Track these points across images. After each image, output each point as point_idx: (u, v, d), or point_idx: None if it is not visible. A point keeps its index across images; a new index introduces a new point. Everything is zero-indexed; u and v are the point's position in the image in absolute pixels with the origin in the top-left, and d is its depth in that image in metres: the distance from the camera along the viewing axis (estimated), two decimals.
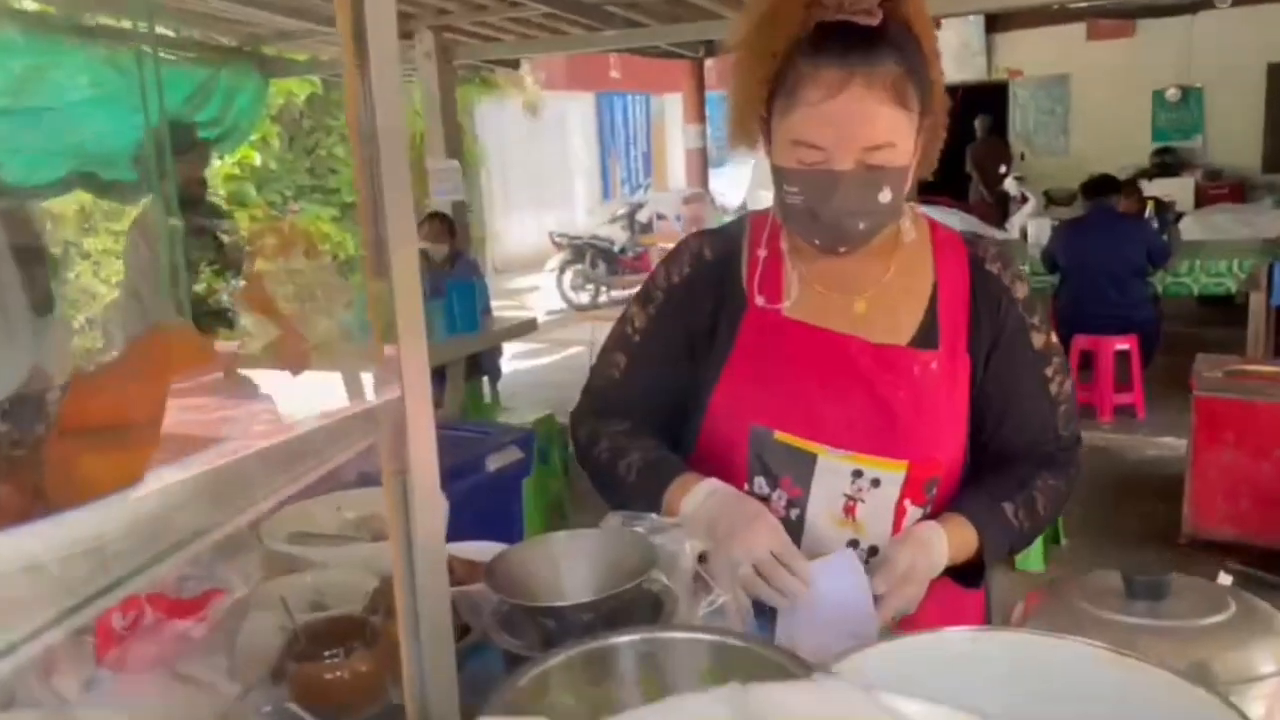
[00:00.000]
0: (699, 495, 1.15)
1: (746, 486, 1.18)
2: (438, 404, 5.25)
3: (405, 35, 5.89)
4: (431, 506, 0.80)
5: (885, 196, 1.11)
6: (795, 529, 1.17)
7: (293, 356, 0.82)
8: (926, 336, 1.20)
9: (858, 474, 1.17)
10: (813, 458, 1.17)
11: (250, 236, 4.83)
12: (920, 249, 1.25)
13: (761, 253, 1.23)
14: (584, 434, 1.29)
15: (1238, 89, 9.92)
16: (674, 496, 1.16)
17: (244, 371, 0.85)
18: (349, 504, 1.40)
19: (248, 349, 0.92)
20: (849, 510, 1.18)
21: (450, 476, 2.06)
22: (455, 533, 2.07)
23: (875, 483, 1.17)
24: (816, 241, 1.16)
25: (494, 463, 2.19)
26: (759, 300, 1.21)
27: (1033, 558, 3.69)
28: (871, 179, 1.09)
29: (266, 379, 0.86)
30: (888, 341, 1.19)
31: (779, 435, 1.17)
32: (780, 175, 1.14)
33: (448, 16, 5.58)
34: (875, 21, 1.05)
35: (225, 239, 4.26)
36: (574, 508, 4.66)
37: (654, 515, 1.13)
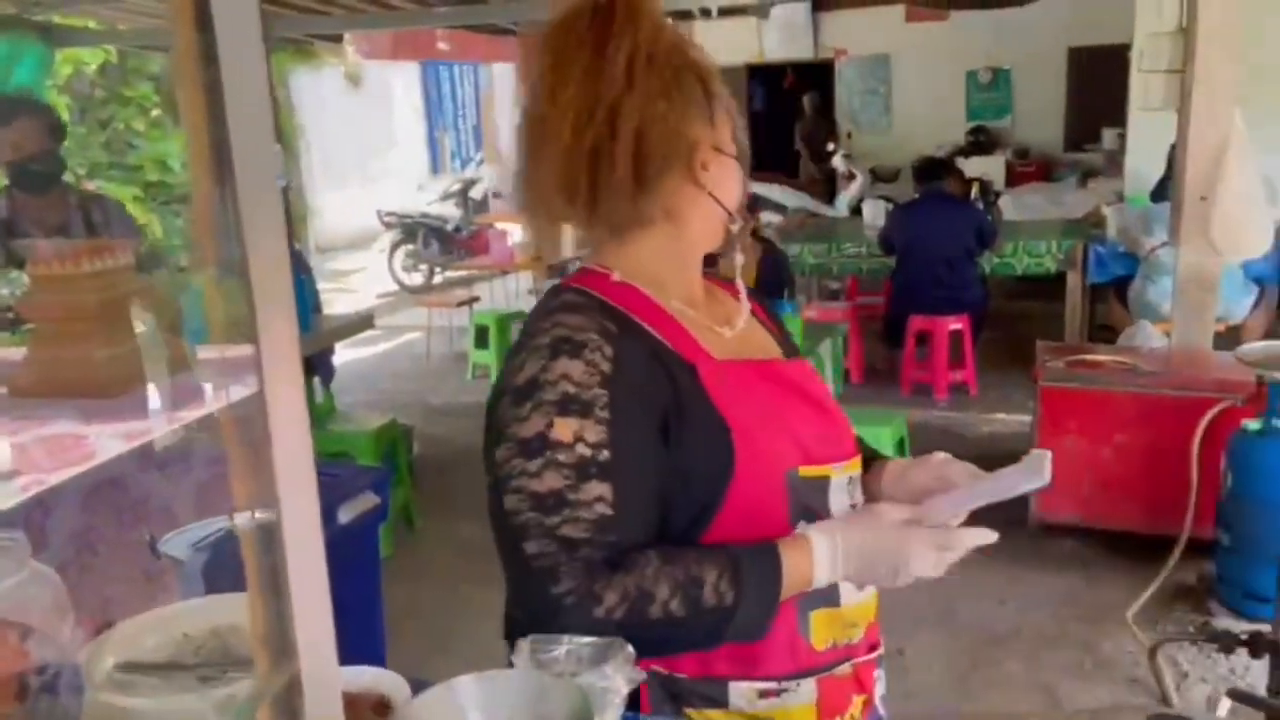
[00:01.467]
0: (824, 555, 1.05)
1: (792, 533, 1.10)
2: None
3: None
4: (316, 589, 0.62)
5: None
6: None
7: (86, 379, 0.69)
8: (786, 348, 1.26)
9: (851, 480, 1.19)
10: (826, 480, 1.14)
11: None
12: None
13: (667, 311, 1.13)
14: (612, 601, 1.00)
15: (1041, 71, 10.49)
16: (795, 578, 1.04)
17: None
18: (194, 617, 1.17)
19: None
20: None
21: None
22: None
23: (853, 482, 1.19)
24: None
25: (346, 513, 1.95)
26: (706, 356, 1.12)
27: None
28: None
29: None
30: (781, 357, 1.23)
31: (802, 471, 1.12)
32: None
33: None
34: None
35: None
36: (420, 512, 4.43)
37: (567, 640, 0.97)
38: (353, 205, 12.71)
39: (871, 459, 1.27)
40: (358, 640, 2.01)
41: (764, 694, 1.09)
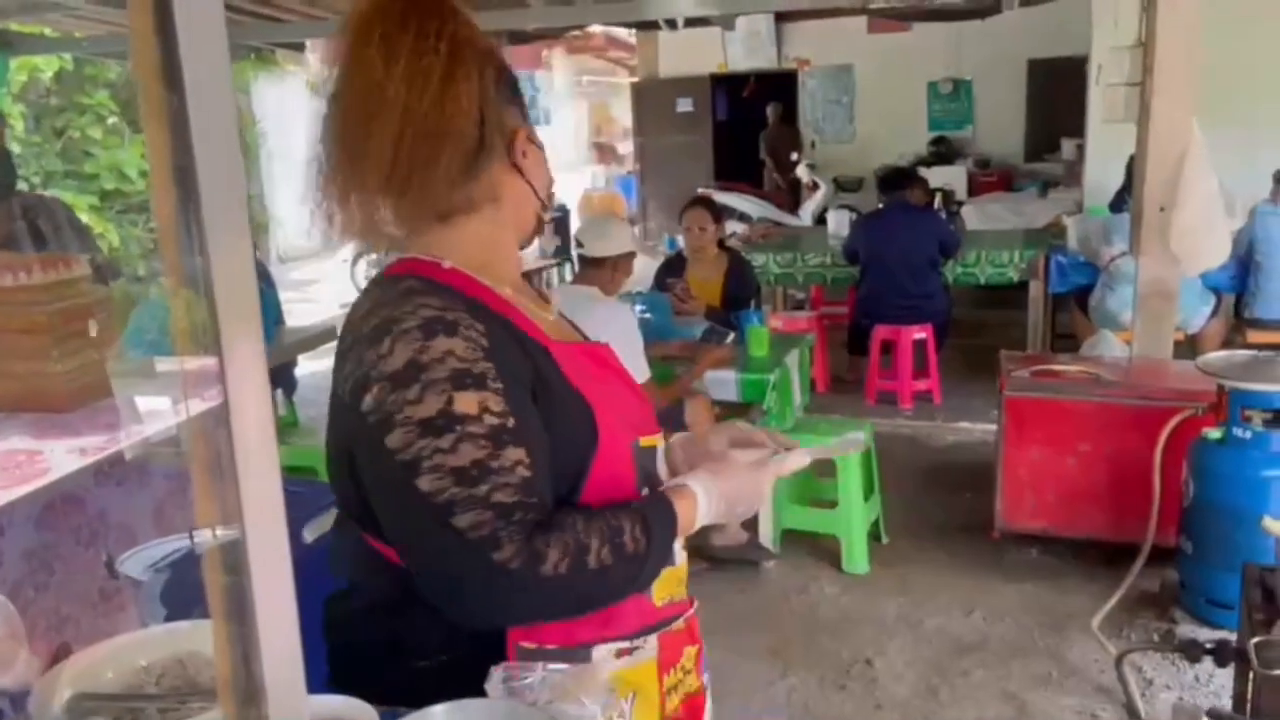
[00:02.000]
0: (703, 501, 1.16)
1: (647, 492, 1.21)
2: None
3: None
4: (283, 615, 0.59)
5: None
6: None
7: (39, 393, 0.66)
8: (583, 332, 1.34)
9: (667, 450, 1.30)
10: (655, 449, 1.25)
11: None
12: None
13: (501, 296, 1.16)
14: (555, 556, 1.02)
15: (1002, 82, 10.62)
16: (684, 523, 1.15)
17: None
18: (154, 646, 1.14)
19: None
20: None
21: None
22: None
23: (661, 454, 1.29)
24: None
25: (312, 532, 1.90)
26: (548, 339, 1.17)
27: (856, 558, 3.75)
28: None
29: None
30: (581, 341, 1.29)
31: (642, 442, 1.21)
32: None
33: None
34: None
35: None
36: None
37: (542, 667, 0.95)
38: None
39: None
40: (324, 666, 1.96)
41: (619, 653, 1.14)
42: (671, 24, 5.12)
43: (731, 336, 3.89)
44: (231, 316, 0.55)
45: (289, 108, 12.65)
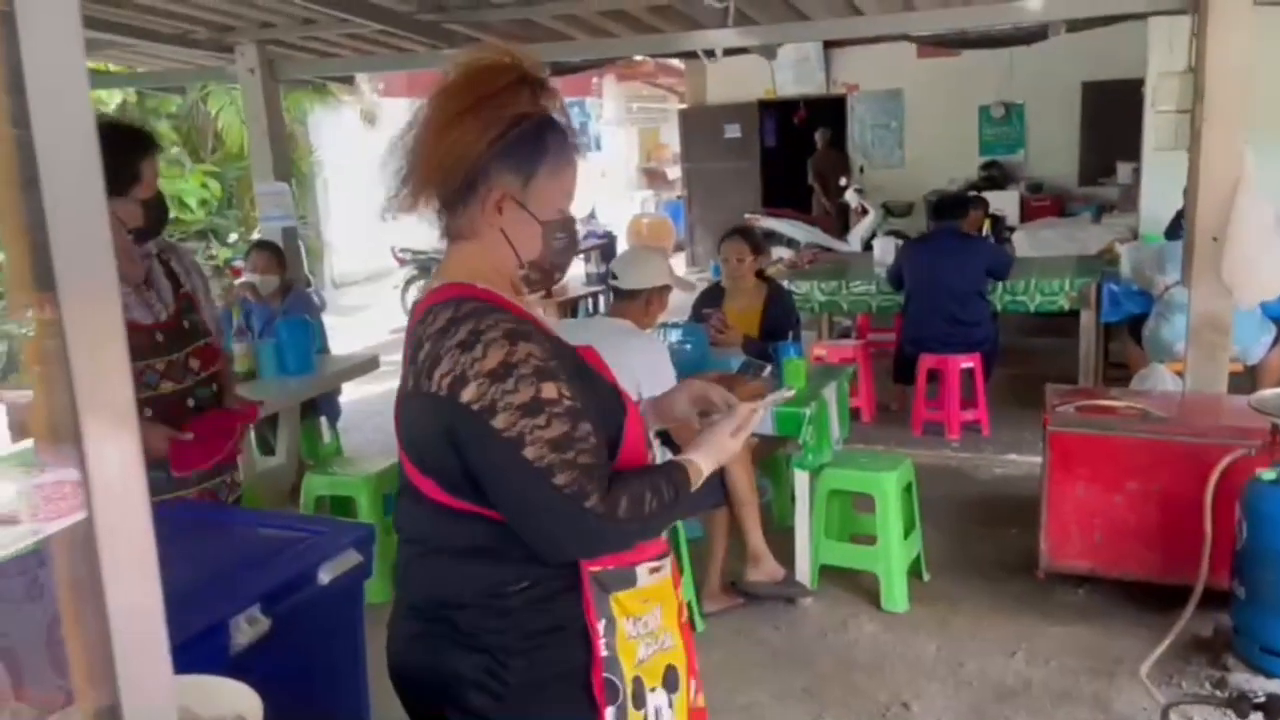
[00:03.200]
0: (701, 463, 1.50)
1: (648, 456, 1.53)
2: (269, 451, 4.85)
3: (225, 48, 5.44)
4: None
5: None
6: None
7: None
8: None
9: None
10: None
11: None
12: None
13: (526, 310, 1.44)
14: (625, 505, 1.35)
15: (1055, 106, 10.45)
16: (694, 478, 1.49)
17: None
18: None
19: None
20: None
21: (272, 598, 1.79)
22: (284, 665, 1.80)
23: None
24: (558, 274, 1.54)
25: (328, 572, 1.91)
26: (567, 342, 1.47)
27: (895, 596, 3.67)
28: None
29: None
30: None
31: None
32: (550, 227, 1.45)
33: (273, 30, 5.17)
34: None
35: None
36: None
37: None
38: (368, 241, 12.77)
39: None
40: (342, 702, 1.96)
41: (653, 570, 1.47)
42: (710, 54, 5.11)
43: (769, 369, 3.84)
44: (97, 415, 0.46)
45: (343, 137, 12.91)
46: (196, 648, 1.63)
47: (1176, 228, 5.71)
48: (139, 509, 0.48)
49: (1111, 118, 9.47)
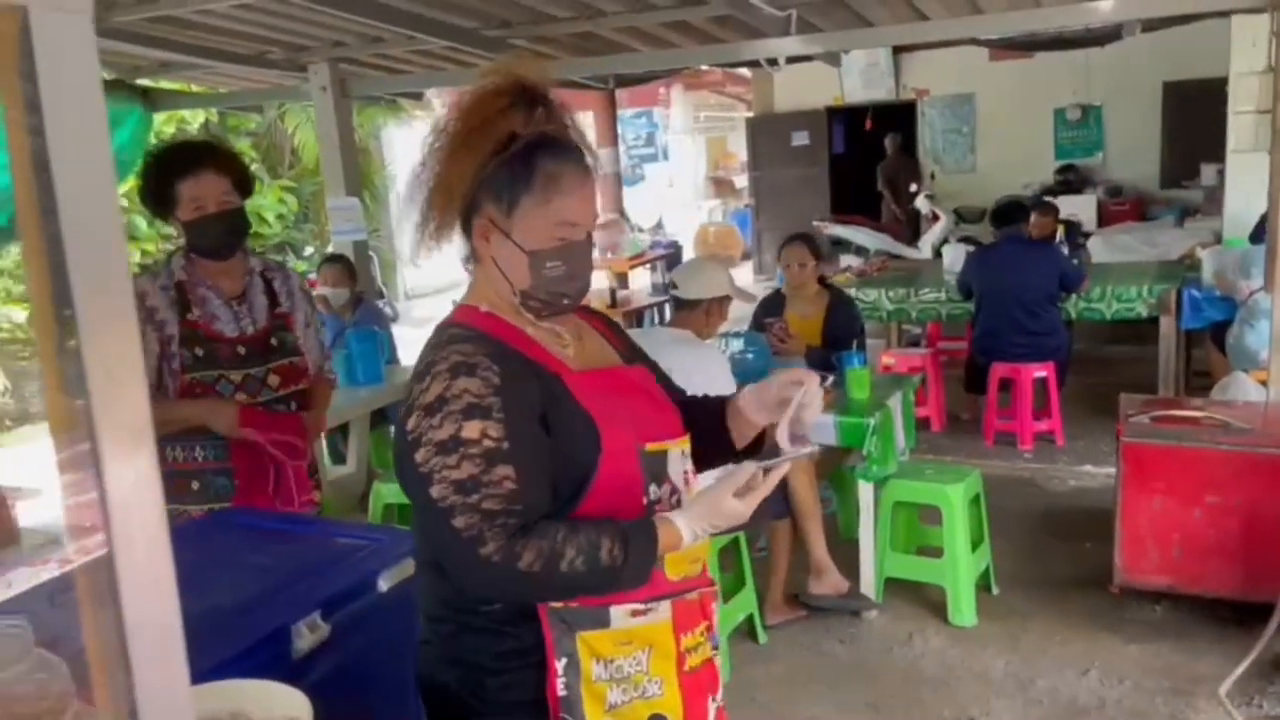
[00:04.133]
0: (685, 530, 1.37)
1: (644, 497, 1.43)
2: (340, 460, 4.96)
3: (299, 68, 5.60)
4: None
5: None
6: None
7: None
8: (627, 356, 1.60)
9: (684, 454, 1.52)
10: (665, 454, 1.47)
11: None
12: None
13: (527, 333, 1.44)
14: (530, 558, 1.28)
15: (1135, 107, 10.15)
16: (667, 543, 1.36)
17: None
18: (205, 698, 1.17)
19: None
20: (687, 482, 1.51)
21: (331, 604, 1.83)
22: (341, 670, 1.84)
23: (685, 454, 1.52)
24: (565, 301, 1.46)
25: (388, 579, 1.94)
26: (564, 368, 1.43)
27: (963, 610, 3.60)
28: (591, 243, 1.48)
29: None
30: (620, 365, 1.56)
31: (649, 448, 1.44)
32: (539, 256, 1.40)
33: (344, 49, 5.31)
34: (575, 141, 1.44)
35: None
36: None
37: None
38: (440, 253, 12.98)
39: (727, 402, 1.60)
40: (395, 707, 1.99)
41: (635, 613, 1.39)
42: (773, 62, 5.10)
43: (831, 379, 3.81)
44: (118, 443, 0.48)
45: (416, 151, 13.15)
46: (260, 652, 1.68)
47: (1261, 231, 5.51)
48: (156, 528, 0.49)
49: (1195, 118, 9.15)
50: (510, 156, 1.38)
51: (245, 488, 2.53)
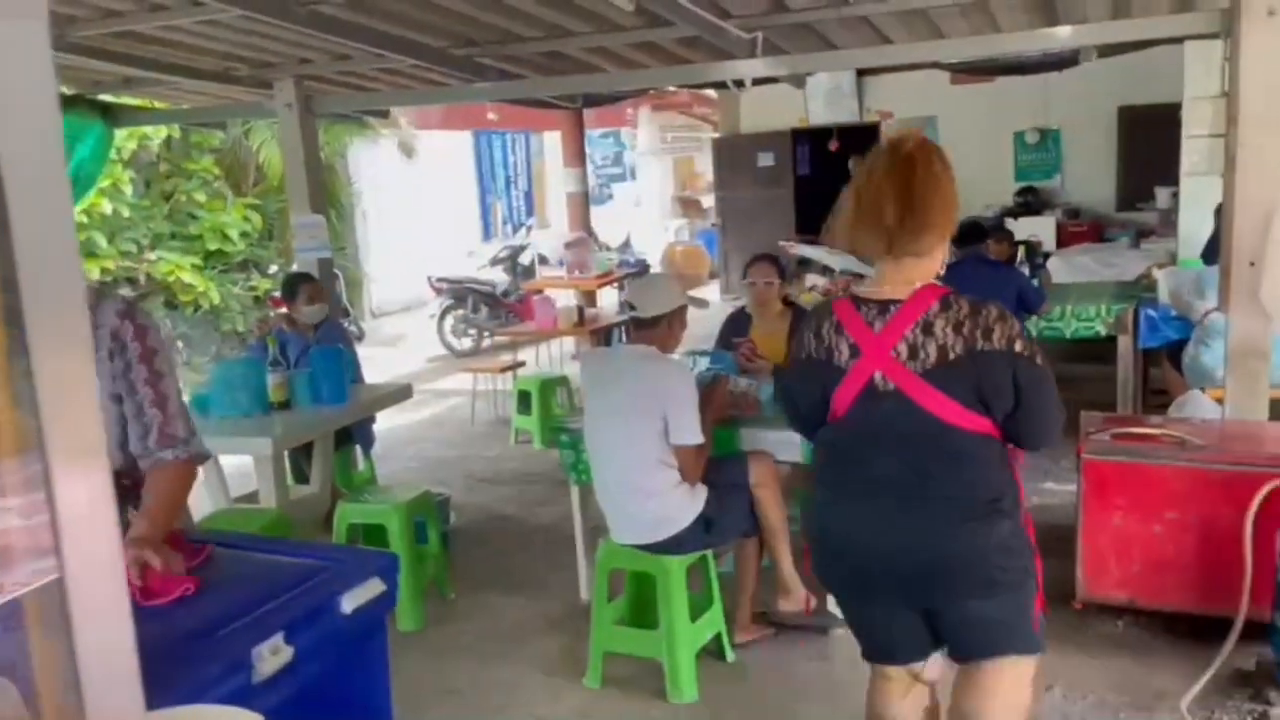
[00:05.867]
0: None
1: None
2: (303, 479, 4.90)
3: (265, 84, 5.57)
4: None
5: None
6: None
7: None
8: None
9: None
10: None
11: None
12: None
13: None
14: None
15: (1092, 131, 10.37)
16: None
17: None
18: None
19: None
20: None
21: (294, 629, 1.81)
22: (306, 694, 1.81)
23: None
24: None
25: (350, 602, 1.92)
26: None
27: None
28: None
29: None
30: None
31: None
32: None
33: (310, 66, 5.29)
34: None
35: None
36: (455, 584, 4.39)
37: None
38: (406, 270, 12.93)
39: None
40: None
41: None
42: (739, 84, 5.15)
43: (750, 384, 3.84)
44: (67, 460, 0.46)
45: (382, 169, 13.12)
46: (221, 677, 1.65)
47: (1211, 250, 5.63)
48: (109, 549, 0.48)
49: (1149, 142, 9.35)
50: None
51: None
